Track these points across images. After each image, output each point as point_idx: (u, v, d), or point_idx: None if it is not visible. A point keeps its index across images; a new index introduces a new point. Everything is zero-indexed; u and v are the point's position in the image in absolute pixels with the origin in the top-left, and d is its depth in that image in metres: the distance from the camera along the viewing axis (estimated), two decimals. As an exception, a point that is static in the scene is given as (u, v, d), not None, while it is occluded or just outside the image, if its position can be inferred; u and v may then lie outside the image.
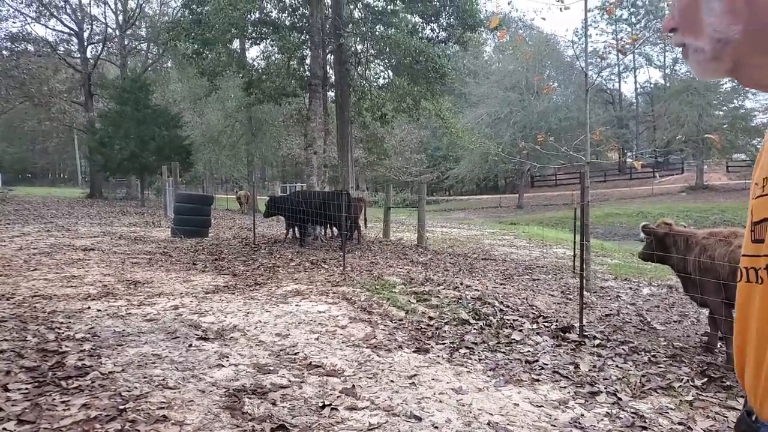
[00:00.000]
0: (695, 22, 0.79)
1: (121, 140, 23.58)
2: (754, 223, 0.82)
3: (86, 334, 4.29)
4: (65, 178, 66.12)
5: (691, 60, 0.81)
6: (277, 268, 8.06)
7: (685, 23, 0.81)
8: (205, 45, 12.09)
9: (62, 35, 31.79)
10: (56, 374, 3.41)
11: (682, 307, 6.65)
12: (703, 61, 0.79)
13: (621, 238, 23.45)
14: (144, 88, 25.33)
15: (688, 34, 0.81)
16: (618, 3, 41.95)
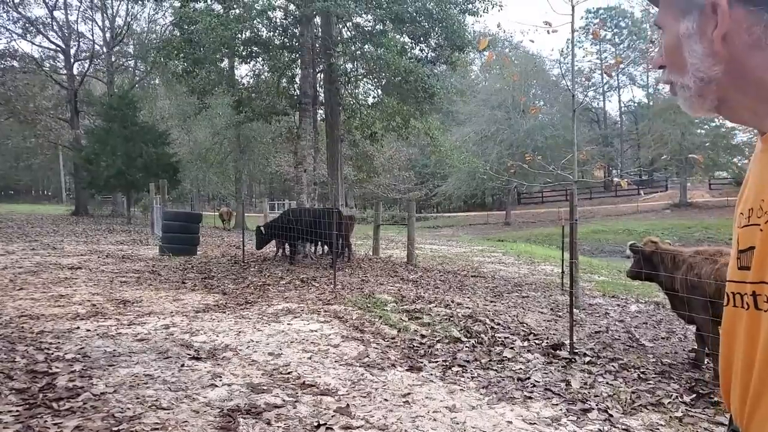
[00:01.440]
0: (680, 61, 0.84)
1: (107, 157, 23.45)
2: (740, 251, 0.85)
3: (76, 355, 4.26)
4: (49, 195, 65.43)
5: (679, 96, 0.86)
6: (268, 286, 8.04)
7: (671, 62, 0.86)
8: (195, 64, 12.14)
9: (48, 52, 31.75)
10: (47, 396, 3.38)
11: (669, 323, 6.73)
12: (689, 98, 0.84)
13: (607, 254, 23.65)
14: (131, 105, 25.29)
15: (674, 71, 0.86)
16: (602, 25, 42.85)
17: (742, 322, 0.82)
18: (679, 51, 0.83)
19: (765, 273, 0.77)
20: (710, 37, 0.79)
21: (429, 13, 11.76)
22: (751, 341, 0.79)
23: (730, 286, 0.87)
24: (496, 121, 38.87)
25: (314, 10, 11.47)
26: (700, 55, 0.81)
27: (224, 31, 10.31)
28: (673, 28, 0.84)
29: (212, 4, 12.55)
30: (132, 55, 33.78)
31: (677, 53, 0.84)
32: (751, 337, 0.79)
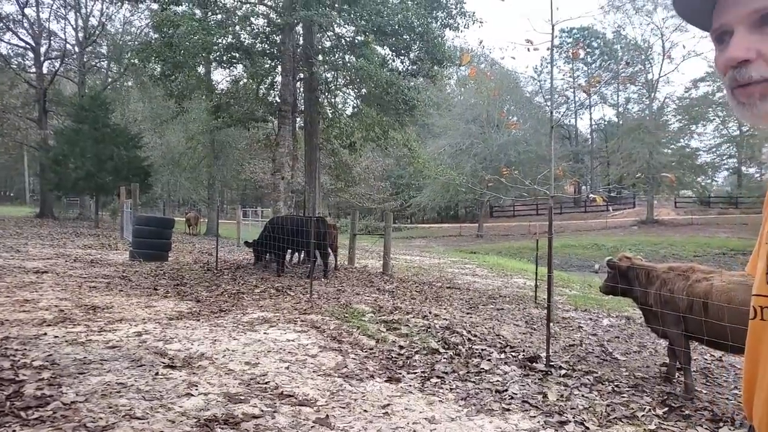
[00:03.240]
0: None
1: (76, 159, 22.91)
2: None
3: (44, 362, 4.12)
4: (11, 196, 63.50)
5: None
6: (242, 294, 7.93)
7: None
8: (174, 67, 11.99)
9: (18, 49, 30.96)
10: (15, 404, 3.26)
11: (640, 337, 6.85)
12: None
13: (577, 268, 24.00)
14: (103, 107, 24.79)
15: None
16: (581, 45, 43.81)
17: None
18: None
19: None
20: None
21: (411, 27, 11.88)
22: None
23: (757, 300, 0.89)
24: (471, 135, 39.31)
25: (297, 19, 11.47)
26: None
27: (206, 36, 10.22)
28: None
29: (193, 8, 12.44)
30: (105, 56, 33.17)
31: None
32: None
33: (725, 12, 0.84)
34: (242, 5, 12.84)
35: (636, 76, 38.93)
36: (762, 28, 0.80)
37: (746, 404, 0.92)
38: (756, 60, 0.80)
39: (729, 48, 0.82)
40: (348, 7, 11.31)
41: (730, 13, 0.83)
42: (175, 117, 19.65)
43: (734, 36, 0.83)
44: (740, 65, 0.81)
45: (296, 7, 11.06)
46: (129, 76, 31.71)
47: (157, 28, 11.97)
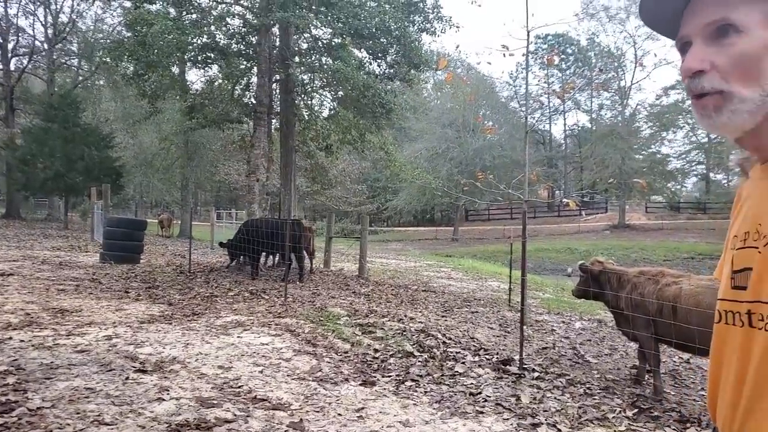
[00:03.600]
0: (754, 71, 0.81)
1: (45, 158, 22.38)
2: (735, 271, 0.90)
3: (9, 367, 4.01)
4: (-25, 197, 61.71)
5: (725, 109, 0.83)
6: (215, 297, 7.84)
7: (742, 69, 0.82)
8: (148, 67, 11.80)
9: (-18, 45, 30.12)
10: (-22, 410, 3.17)
11: (611, 340, 6.96)
12: (740, 111, 0.82)
13: (550, 272, 24.31)
14: (73, 105, 24.27)
15: (737, 80, 0.82)
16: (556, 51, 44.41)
17: (735, 339, 0.86)
18: (760, 60, 0.81)
19: (762, 293, 0.82)
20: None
21: (388, 30, 11.90)
22: (743, 357, 0.84)
23: (722, 304, 0.91)
24: (447, 139, 39.58)
25: (273, 20, 11.39)
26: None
27: (180, 36, 10.08)
28: (763, 34, 0.82)
29: (167, 6, 12.27)
30: (76, 54, 32.48)
31: (757, 62, 0.81)
32: (743, 353, 0.84)
33: (686, 23, 0.88)
34: (218, 5, 12.72)
35: (609, 83, 39.65)
36: (718, 40, 0.84)
37: (711, 405, 0.95)
38: (710, 71, 0.83)
39: (685, 59, 0.86)
40: (325, 10, 11.28)
41: (690, 25, 0.87)
42: (148, 117, 19.29)
43: (692, 47, 0.86)
44: (695, 75, 0.85)
45: (272, 8, 10.98)
46: (101, 75, 31.10)
47: (130, 27, 11.77)
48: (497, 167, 39.71)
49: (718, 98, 0.84)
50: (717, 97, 0.84)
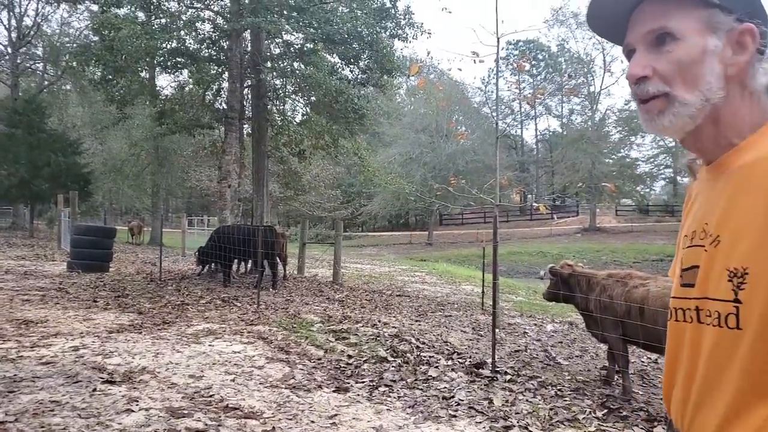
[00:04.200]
0: (693, 76, 0.86)
1: (9, 165, 21.82)
2: (684, 269, 0.94)
3: (-30, 381, 3.90)
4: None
5: (667, 112, 0.88)
6: (187, 305, 7.72)
7: (682, 74, 0.87)
8: (116, 72, 11.60)
9: (-58, 48, 29.27)
10: (-63, 426, 3.07)
11: (582, 342, 7.06)
12: (681, 115, 0.87)
13: (523, 275, 24.58)
14: (39, 111, 23.72)
15: (678, 85, 0.87)
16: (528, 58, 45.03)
17: (686, 335, 0.89)
18: (698, 65, 0.86)
19: (708, 289, 0.86)
20: (727, 60, 0.86)
21: (360, 36, 11.93)
22: (693, 353, 0.87)
23: (674, 302, 0.95)
24: (421, 144, 39.77)
25: (244, 25, 11.33)
26: (717, 74, 0.86)
27: (149, 41, 9.93)
28: (699, 41, 0.86)
29: (135, 11, 12.10)
30: (41, 58, 31.76)
31: (694, 67, 0.86)
32: (693, 349, 0.87)
33: (631, 31, 0.92)
34: (187, 10, 12.58)
35: (579, 89, 40.40)
36: (658, 48, 0.89)
37: (666, 398, 0.99)
38: (653, 77, 0.88)
39: (630, 66, 0.91)
40: (296, 15, 11.26)
41: (633, 33, 0.92)
42: (116, 123, 18.96)
43: (635, 54, 0.91)
44: (639, 81, 0.90)
45: (243, 13, 10.93)
46: (67, 80, 30.44)
47: (97, 31, 11.57)
48: (470, 172, 40.03)
49: (662, 102, 0.88)
50: (662, 100, 0.88)
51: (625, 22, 0.94)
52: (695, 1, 0.87)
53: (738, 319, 0.80)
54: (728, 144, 0.88)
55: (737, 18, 0.86)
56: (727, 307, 0.82)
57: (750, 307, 0.79)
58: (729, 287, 0.82)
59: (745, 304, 0.80)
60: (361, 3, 12.32)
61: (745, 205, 0.82)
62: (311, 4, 11.34)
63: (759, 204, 0.80)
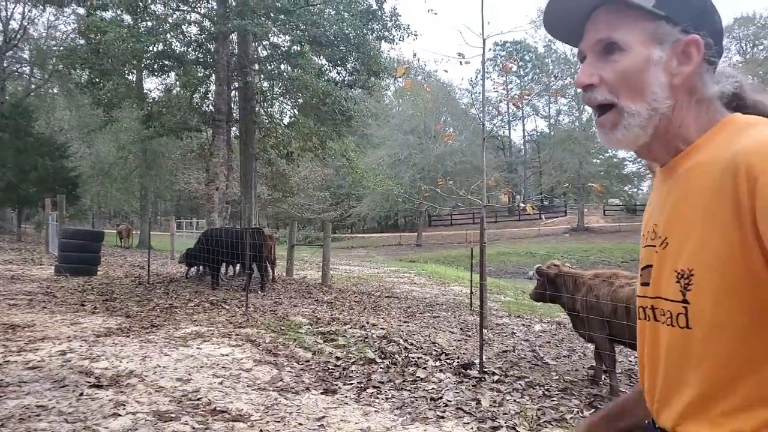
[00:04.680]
0: (639, 86, 0.88)
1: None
2: (642, 268, 0.97)
3: (-45, 387, 3.87)
4: None
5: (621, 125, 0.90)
6: (175, 308, 7.70)
7: (627, 85, 0.89)
8: (102, 75, 11.53)
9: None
10: None
11: (570, 342, 7.11)
12: (632, 126, 0.89)
13: (511, 275, 24.67)
14: (26, 115, 23.58)
15: (625, 95, 0.89)
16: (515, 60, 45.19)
17: (647, 333, 0.94)
18: (643, 76, 0.88)
19: (660, 289, 0.90)
20: (672, 70, 0.88)
21: (346, 38, 11.95)
22: (654, 350, 0.92)
23: (638, 300, 0.99)
24: (409, 146, 39.81)
25: (231, 28, 11.31)
26: (663, 84, 0.88)
27: (135, 44, 9.89)
28: (643, 51, 0.88)
29: (121, 14, 12.03)
30: (28, 62, 31.50)
31: (640, 78, 0.88)
32: (654, 346, 0.92)
33: (584, 38, 0.94)
34: (173, 12, 12.54)
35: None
36: (606, 57, 0.91)
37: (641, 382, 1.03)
38: (599, 85, 0.90)
39: (579, 72, 0.93)
40: (283, 17, 11.26)
41: (585, 40, 0.94)
42: (104, 126, 18.83)
43: (584, 62, 0.93)
44: (587, 88, 0.92)
45: (230, 15, 10.91)
46: (54, 83, 30.24)
47: (83, 34, 11.49)
48: (458, 173, 40.16)
49: (614, 116, 0.90)
50: (614, 114, 0.90)
51: (582, 26, 0.95)
52: (643, 13, 0.88)
53: (687, 318, 0.83)
54: (677, 150, 0.91)
55: (683, 29, 0.88)
56: (677, 307, 0.85)
57: (697, 308, 0.82)
58: (677, 288, 0.85)
59: (693, 304, 0.83)
60: (348, 5, 12.34)
61: (687, 207, 0.85)
62: (298, 6, 11.35)
63: (697, 207, 0.83)
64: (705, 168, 0.84)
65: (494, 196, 28.19)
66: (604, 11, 0.91)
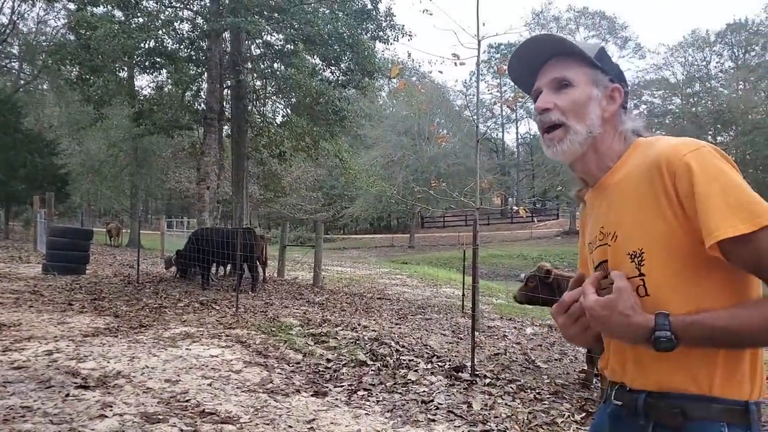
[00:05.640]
0: (583, 113, 1.21)
1: (-16, 166, 21.44)
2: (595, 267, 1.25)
3: (-62, 387, 3.80)
4: None
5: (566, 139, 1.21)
6: (164, 308, 7.63)
7: (575, 110, 1.21)
8: (92, 71, 11.41)
9: None
10: None
11: (561, 345, 7.11)
12: (572, 141, 1.21)
13: (503, 278, 24.70)
14: (14, 111, 23.35)
15: (572, 118, 1.21)
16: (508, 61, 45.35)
17: None
18: (586, 106, 1.21)
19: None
20: (603, 107, 1.23)
21: (340, 37, 11.91)
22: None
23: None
24: (403, 147, 39.76)
25: (224, 25, 11.24)
26: (597, 115, 1.22)
27: (126, 40, 9.79)
28: (587, 89, 1.22)
29: (113, 9, 11.92)
30: (17, 57, 31.22)
31: (584, 107, 1.21)
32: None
33: (539, 80, 1.28)
34: (165, 9, 12.45)
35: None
36: (559, 90, 1.24)
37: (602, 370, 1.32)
38: (554, 109, 1.23)
39: (537, 101, 1.25)
40: (277, 15, 11.22)
41: (541, 80, 1.27)
42: (94, 123, 18.67)
43: (542, 94, 1.26)
44: (543, 112, 1.24)
45: (223, 13, 10.85)
46: (44, 79, 29.98)
47: (73, 30, 11.38)
48: (452, 175, 40.13)
49: (562, 132, 1.22)
50: (562, 131, 1.21)
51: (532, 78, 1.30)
52: (586, 62, 1.23)
53: (645, 288, 1.11)
54: (605, 167, 1.23)
55: (610, 79, 1.24)
56: (635, 281, 1.11)
57: (652, 276, 1.10)
58: (633, 266, 1.12)
59: (648, 275, 1.10)
60: (342, 4, 12.31)
61: (627, 204, 1.15)
62: (291, 4, 11.31)
63: (635, 201, 1.13)
64: (633, 174, 1.15)
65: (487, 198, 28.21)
66: (556, 60, 1.25)
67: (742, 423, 1.06)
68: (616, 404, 1.20)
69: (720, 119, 38.14)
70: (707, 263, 1.05)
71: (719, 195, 1.01)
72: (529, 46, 1.27)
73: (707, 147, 1.08)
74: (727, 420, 1.06)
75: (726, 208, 1.00)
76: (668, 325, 1.02)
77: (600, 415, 1.33)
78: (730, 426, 1.06)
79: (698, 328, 1.02)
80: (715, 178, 1.03)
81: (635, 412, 1.14)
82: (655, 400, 1.11)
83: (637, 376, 1.15)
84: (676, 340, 1.01)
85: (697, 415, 1.07)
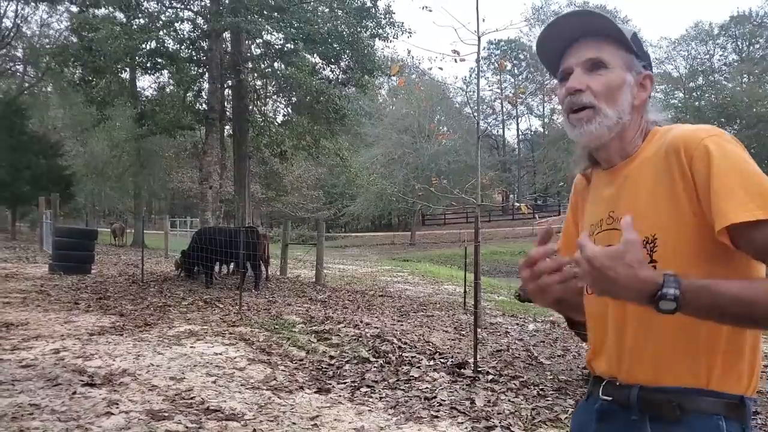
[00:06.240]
0: (616, 97, 1.15)
1: (-10, 168, 21.57)
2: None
3: (-53, 386, 3.85)
4: None
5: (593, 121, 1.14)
6: (169, 307, 7.69)
7: (608, 94, 1.15)
8: (95, 73, 11.47)
9: None
10: None
11: (564, 341, 7.12)
12: (602, 124, 1.14)
13: (504, 275, 24.71)
14: (19, 113, 23.51)
15: (604, 101, 1.14)
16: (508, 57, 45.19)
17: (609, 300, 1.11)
18: (619, 91, 1.15)
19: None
20: (635, 94, 1.17)
21: (340, 36, 11.93)
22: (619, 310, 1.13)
23: None
24: (403, 145, 39.72)
25: (224, 26, 11.27)
26: (628, 102, 1.16)
27: (128, 41, 9.84)
28: (622, 73, 1.16)
29: (114, 11, 11.97)
30: (21, 60, 31.32)
31: (617, 91, 1.15)
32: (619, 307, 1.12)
33: (568, 60, 1.21)
34: (166, 9, 12.50)
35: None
36: (593, 71, 1.16)
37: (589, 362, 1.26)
38: (586, 91, 1.15)
39: (569, 81, 1.18)
40: (277, 15, 11.23)
41: (572, 59, 1.20)
42: (97, 124, 18.73)
43: (573, 74, 1.18)
44: (575, 93, 1.17)
45: (223, 13, 10.88)
46: (47, 81, 30.09)
47: (75, 32, 11.43)
48: (452, 172, 40.07)
49: (590, 113, 1.15)
50: (590, 111, 1.15)
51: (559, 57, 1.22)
52: (622, 45, 1.17)
53: None
54: (626, 155, 1.19)
55: (644, 65, 1.19)
56: None
57: (664, 264, 1.05)
58: (645, 252, 1.05)
59: (660, 262, 1.07)
60: (342, 2, 12.33)
61: (639, 193, 1.13)
62: (291, 3, 11.34)
63: (650, 187, 1.10)
64: (650, 159, 1.13)
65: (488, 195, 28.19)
66: (589, 39, 1.18)
67: (738, 417, 1.06)
68: (605, 399, 1.16)
69: (724, 113, 38.05)
70: (716, 252, 1.04)
71: (737, 180, 0.99)
72: (569, 19, 1.20)
73: (726, 134, 1.07)
74: (725, 414, 1.05)
75: (744, 194, 0.98)
76: (678, 283, 0.96)
77: (582, 412, 1.28)
78: (727, 420, 1.05)
79: (708, 293, 0.97)
80: (734, 163, 1.01)
81: (628, 407, 1.11)
82: (650, 394, 1.08)
83: (634, 368, 1.11)
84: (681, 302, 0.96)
85: (695, 409, 1.05)
